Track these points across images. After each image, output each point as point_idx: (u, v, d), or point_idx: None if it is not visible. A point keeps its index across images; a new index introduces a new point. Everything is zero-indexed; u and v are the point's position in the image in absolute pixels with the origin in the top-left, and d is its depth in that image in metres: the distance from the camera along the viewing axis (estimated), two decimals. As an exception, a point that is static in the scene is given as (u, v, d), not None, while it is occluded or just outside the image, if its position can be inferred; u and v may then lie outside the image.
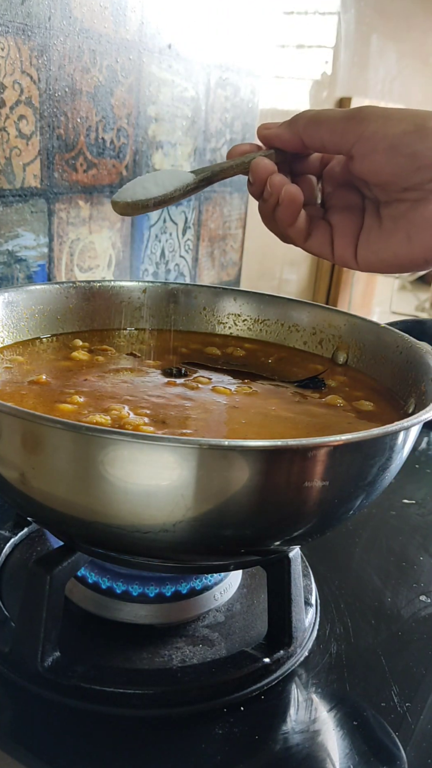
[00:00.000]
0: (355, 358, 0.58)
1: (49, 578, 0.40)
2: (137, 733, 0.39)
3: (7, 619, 0.45)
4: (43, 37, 0.65)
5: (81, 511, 0.37)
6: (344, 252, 0.50)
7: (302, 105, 1.16)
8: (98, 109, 0.74)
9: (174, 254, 0.91)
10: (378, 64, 1.39)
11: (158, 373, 0.54)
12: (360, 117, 0.45)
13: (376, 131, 0.44)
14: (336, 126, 0.46)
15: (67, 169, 0.72)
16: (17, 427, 0.37)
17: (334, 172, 0.52)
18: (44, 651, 0.41)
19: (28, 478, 0.37)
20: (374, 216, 0.49)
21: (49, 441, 0.36)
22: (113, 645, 0.45)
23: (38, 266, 0.72)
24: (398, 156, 0.43)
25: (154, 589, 0.47)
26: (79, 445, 0.35)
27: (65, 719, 0.40)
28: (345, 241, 0.50)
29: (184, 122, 0.86)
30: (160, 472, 0.34)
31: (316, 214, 0.52)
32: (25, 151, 0.67)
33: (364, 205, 0.50)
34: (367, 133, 0.44)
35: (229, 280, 1.05)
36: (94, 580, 0.48)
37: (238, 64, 0.92)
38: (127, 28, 0.74)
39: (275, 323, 0.64)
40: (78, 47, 0.69)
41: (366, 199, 0.50)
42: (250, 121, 0.97)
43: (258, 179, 0.50)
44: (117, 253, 0.82)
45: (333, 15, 1.18)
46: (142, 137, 0.80)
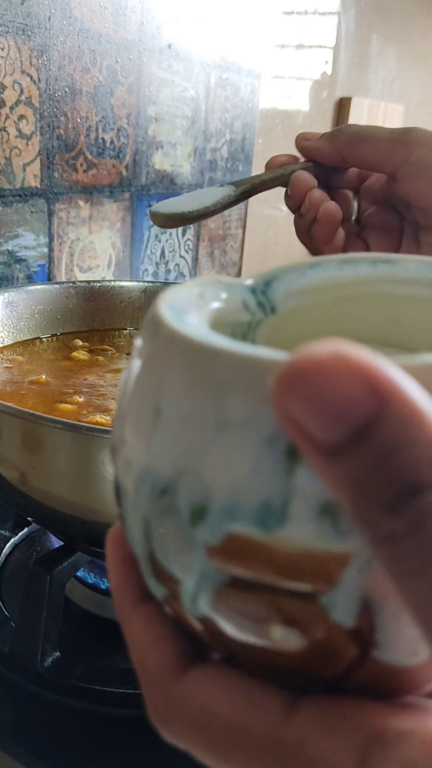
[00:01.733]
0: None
1: (49, 578, 0.40)
2: (137, 734, 0.39)
3: (7, 618, 0.45)
4: (43, 37, 0.65)
5: (81, 511, 0.37)
6: None
7: (302, 105, 1.16)
8: (98, 109, 0.74)
9: (174, 254, 0.91)
10: (378, 65, 1.39)
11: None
12: (407, 140, 0.43)
13: (423, 157, 0.42)
14: (380, 146, 0.44)
15: (67, 169, 0.72)
16: (17, 427, 0.37)
17: (372, 189, 0.50)
18: (44, 651, 0.41)
19: (29, 478, 0.37)
20: (412, 240, 0.47)
21: (49, 441, 0.36)
22: (113, 645, 0.45)
23: (38, 266, 0.72)
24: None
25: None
26: (79, 445, 0.35)
27: (65, 719, 0.40)
28: None
29: (184, 122, 0.86)
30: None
31: (352, 230, 0.50)
32: (25, 151, 0.67)
33: (402, 227, 0.48)
34: (413, 158, 0.43)
35: (229, 281, 1.05)
36: (93, 580, 0.48)
37: (238, 64, 0.92)
38: (127, 28, 0.74)
39: (275, 323, 0.64)
40: (78, 47, 0.69)
41: (405, 221, 0.48)
42: (250, 121, 0.97)
43: (297, 194, 0.48)
44: (117, 253, 0.82)
45: (333, 15, 1.18)
46: (142, 137, 0.80)
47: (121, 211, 0.81)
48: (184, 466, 0.15)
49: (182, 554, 0.16)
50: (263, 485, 0.14)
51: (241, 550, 0.15)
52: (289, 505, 0.14)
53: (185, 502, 0.15)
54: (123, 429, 0.18)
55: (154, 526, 0.16)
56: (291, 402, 0.13)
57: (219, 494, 0.15)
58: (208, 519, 0.15)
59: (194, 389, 0.15)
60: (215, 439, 0.15)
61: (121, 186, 0.79)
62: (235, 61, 0.92)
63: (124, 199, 0.80)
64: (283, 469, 0.14)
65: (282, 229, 1.22)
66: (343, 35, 1.22)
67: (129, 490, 0.17)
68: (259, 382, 0.14)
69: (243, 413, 0.14)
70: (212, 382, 0.15)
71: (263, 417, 0.14)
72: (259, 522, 0.14)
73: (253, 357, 0.14)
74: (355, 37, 1.26)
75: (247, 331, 0.21)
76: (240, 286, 0.21)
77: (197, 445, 0.15)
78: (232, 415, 0.15)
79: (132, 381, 0.17)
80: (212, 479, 0.15)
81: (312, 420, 0.13)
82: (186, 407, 0.15)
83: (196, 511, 0.15)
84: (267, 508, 0.14)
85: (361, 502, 0.13)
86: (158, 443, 0.16)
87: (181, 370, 0.16)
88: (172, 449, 0.16)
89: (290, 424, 0.13)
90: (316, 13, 1.13)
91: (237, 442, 0.15)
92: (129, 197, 0.81)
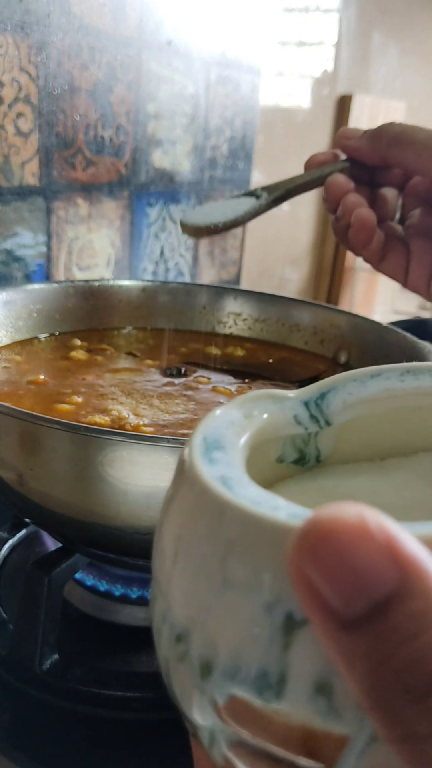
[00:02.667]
0: (357, 357, 0.58)
1: (47, 580, 0.40)
2: (136, 737, 0.39)
3: (5, 621, 0.45)
4: (41, 34, 0.65)
5: (80, 513, 0.37)
6: (418, 282, 0.47)
7: (303, 102, 1.15)
8: (97, 107, 0.73)
9: (173, 253, 0.91)
10: (379, 62, 1.38)
11: (158, 372, 0.53)
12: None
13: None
14: (423, 150, 0.43)
15: (65, 167, 0.71)
16: (15, 428, 0.36)
17: (417, 189, 0.49)
18: (42, 654, 0.41)
19: (26, 480, 0.37)
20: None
21: (48, 442, 0.35)
22: (112, 648, 0.45)
23: (37, 265, 0.71)
24: None
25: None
26: (77, 446, 0.35)
27: (63, 722, 0.40)
28: (421, 271, 0.47)
29: (184, 119, 0.86)
30: (159, 473, 0.34)
31: (393, 233, 0.49)
32: (23, 149, 0.66)
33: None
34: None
35: (229, 279, 1.05)
36: (92, 583, 0.47)
37: (238, 61, 0.92)
38: (126, 25, 0.74)
39: (276, 323, 0.63)
40: (77, 44, 0.69)
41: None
42: (251, 118, 0.97)
43: (332, 198, 0.47)
44: (116, 251, 0.81)
45: (334, 12, 1.17)
46: (142, 135, 0.80)
47: (120, 210, 0.80)
48: (195, 617, 0.15)
49: (196, 702, 0.16)
50: (261, 653, 0.14)
51: (244, 714, 0.15)
52: (286, 680, 0.14)
53: (196, 653, 0.15)
54: (155, 559, 0.17)
55: (172, 669, 0.16)
56: (309, 566, 0.12)
57: (223, 654, 0.15)
58: (214, 676, 0.15)
59: (204, 541, 0.15)
60: (220, 596, 0.15)
61: (120, 184, 0.79)
62: (236, 58, 0.91)
63: (123, 198, 0.80)
64: (280, 640, 0.14)
65: (283, 228, 1.22)
66: (345, 32, 1.21)
67: (154, 625, 0.17)
68: (263, 544, 0.14)
69: (245, 574, 0.14)
70: (220, 536, 0.15)
71: (264, 581, 0.14)
72: (257, 691, 0.14)
73: (259, 516, 0.14)
74: (356, 34, 1.26)
75: (308, 440, 0.21)
76: (292, 401, 0.20)
77: (205, 599, 0.15)
78: (234, 575, 0.14)
79: (163, 512, 0.17)
80: (217, 637, 0.15)
81: (330, 588, 0.12)
82: (197, 558, 0.15)
83: (205, 667, 0.15)
84: (264, 678, 0.14)
85: (378, 687, 0.12)
86: (176, 588, 0.16)
87: (195, 517, 0.15)
88: (185, 597, 0.16)
89: (305, 589, 0.12)
90: (317, 10, 1.13)
91: (238, 603, 0.14)
92: (128, 195, 0.81)
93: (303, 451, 0.21)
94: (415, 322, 1.21)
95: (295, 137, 1.14)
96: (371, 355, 0.56)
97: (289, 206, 1.20)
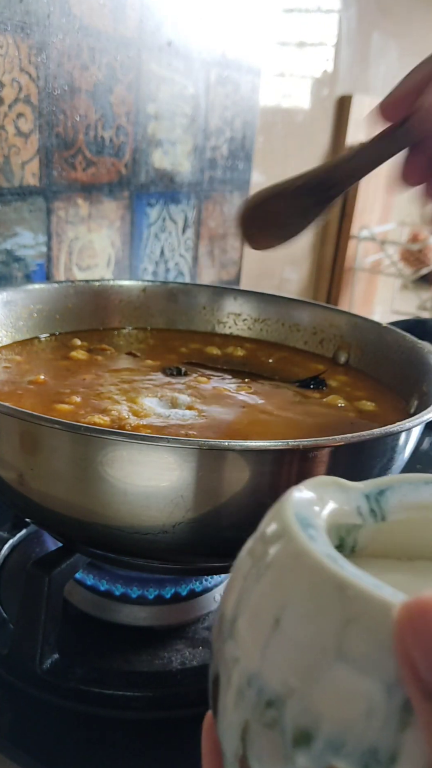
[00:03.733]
0: (357, 357, 0.58)
1: (47, 580, 0.40)
2: (137, 736, 0.39)
3: (6, 621, 0.45)
4: (41, 35, 0.65)
5: (80, 512, 0.37)
6: None
7: (303, 103, 1.15)
8: (97, 107, 0.73)
9: (174, 253, 0.91)
10: (379, 62, 1.38)
11: (158, 372, 0.53)
12: None
13: None
14: None
15: (65, 167, 0.71)
16: (15, 428, 0.36)
17: None
18: (43, 653, 0.41)
19: (27, 479, 0.37)
20: None
21: (48, 442, 0.35)
22: (112, 647, 0.45)
23: (37, 265, 0.71)
24: None
25: (153, 591, 0.47)
26: (77, 446, 0.35)
27: (64, 722, 0.40)
28: None
29: (184, 120, 0.86)
30: (159, 472, 0.34)
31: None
32: (23, 149, 0.66)
33: None
34: None
35: (229, 279, 1.05)
36: (92, 582, 0.48)
37: (238, 61, 0.92)
38: (126, 26, 0.74)
39: (276, 323, 0.64)
40: (77, 45, 0.69)
41: None
42: (251, 119, 0.97)
43: None
44: (116, 251, 0.81)
45: (334, 12, 1.17)
46: (142, 135, 0.80)
47: (121, 210, 0.80)
48: (296, 686, 0.15)
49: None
50: (374, 731, 0.14)
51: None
52: (397, 760, 0.14)
53: (291, 722, 0.15)
54: (237, 621, 0.18)
55: (253, 732, 0.17)
56: (408, 636, 0.13)
57: (327, 726, 0.15)
58: (312, 747, 0.15)
59: (318, 614, 0.15)
60: (332, 670, 0.15)
61: (121, 184, 0.79)
62: (236, 59, 0.91)
63: (124, 198, 0.80)
64: (397, 720, 0.14)
65: (282, 228, 1.22)
66: (345, 32, 1.22)
67: (232, 687, 0.17)
68: (384, 626, 0.14)
69: (364, 652, 0.14)
70: (337, 613, 0.15)
71: (384, 662, 0.14)
72: (362, 765, 0.14)
73: (381, 599, 0.14)
74: (356, 35, 1.26)
75: (351, 530, 0.22)
76: (355, 492, 0.21)
77: (313, 670, 0.15)
78: (352, 652, 0.15)
79: (253, 576, 0.18)
80: (322, 709, 0.15)
81: (423, 658, 0.13)
82: (307, 629, 0.16)
83: (301, 736, 0.15)
84: (374, 755, 0.14)
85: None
86: (273, 654, 0.16)
87: (307, 590, 0.16)
88: (286, 665, 0.16)
89: (404, 659, 0.13)
90: (317, 11, 1.13)
91: (354, 679, 0.15)
92: (128, 196, 0.81)
93: (344, 540, 0.21)
94: (415, 322, 1.21)
95: (295, 137, 1.14)
96: (371, 355, 0.56)
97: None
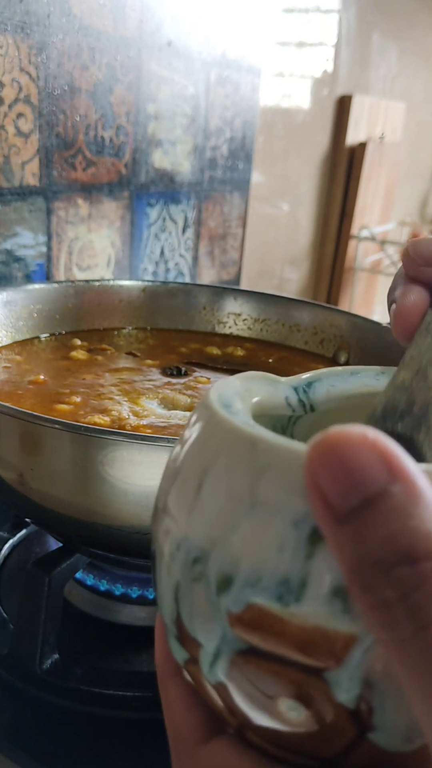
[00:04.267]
0: (357, 358, 0.58)
1: (47, 580, 0.40)
2: (136, 736, 0.39)
3: (6, 621, 0.45)
4: (41, 35, 0.65)
5: (80, 512, 0.37)
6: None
7: (303, 103, 1.15)
8: (97, 107, 0.73)
9: (174, 253, 0.91)
10: (379, 62, 1.38)
11: (158, 372, 0.53)
12: None
13: None
14: None
15: (65, 167, 0.71)
16: (15, 428, 0.36)
17: None
18: (43, 653, 0.41)
19: (27, 479, 0.37)
20: None
21: (48, 442, 0.35)
22: (112, 647, 0.45)
23: (37, 265, 0.71)
24: None
25: (153, 591, 0.47)
26: (77, 446, 0.35)
27: (64, 722, 0.40)
28: None
29: (184, 120, 0.86)
30: (159, 472, 0.34)
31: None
32: (23, 149, 0.66)
33: None
34: None
35: (229, 280, 1.05)
36: (92, 582, 0.48)
37: (238, 61, 0.92)
38: (126, 26, 0.74)
39: (276, 323, 0.64)
40: (77, 45, 0.69)
41: None
42: (251, 119, 0.97)
43: None
44: (116, 251, 0.81)
45: (334, 12, 1.17)
46: (142, 135, 0.80)
47: (121, 210, 0.80)
48: (217, 538, 0.17)
49: (207, 619, 0.18)
50: (285, 563, 0.16)
51: (260, 620, 0.16)
52: (306, 585, 0.16)
53: (214, 571, 0.17)
54: (167, 499, 0.20)
55: (183, 591, 0.18)
56: (318, 469, 0.14)
57: (245, 567, 0.17)
58: (233, 588, 0.17)
59: (234, 470, 0.17)
60: (247, 516, 0.17)
61: (121, 184, 0.79)
62: (236, 59, 0.91)
63: (124, 198, 0.80)
64: (304, 550, 0.16)
65: (282, 228, 1.22)
66: (344, 32, 1.22)
67: (165, 556, 0.19)
68: (291, 471, 0.16)
69: (274, 496, 0.16)
70: (250, 465, 0.17)
71: (291, 502, 0.16)
72: (277, 596, 0.16)
73: (288, 447, 0.16)
74: (356, 35, 1.26)
75: (287, 425, 0.23)
76: (283, 384, 0.23)
77: (230, 520, 0.17)
78: (264, 497, 0.16)
79: (180, 458, 0.20)
80: (240, 552, 0.17)
81: (331, 487, 0.14)
82: (224, 485, 0.17)
83: (223, 581, 0.17)
84: (286, 584, 0.16)
85: (356, 563, 0.14)
86: (197, 515, 0.18)
87: (224, 452, 0.18)
88: (208, 522, 0.18)
89: (314, 491, 0.14)
90: (317, 11, 1.13)
91: (266, 521, 0.16)
92: (128, 196, 0.81)
93: (279, 432, 0.23)
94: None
95: (295, 138, 1.14)
96: (371, 355, 0.57)
97: (288, 207, 1.20)
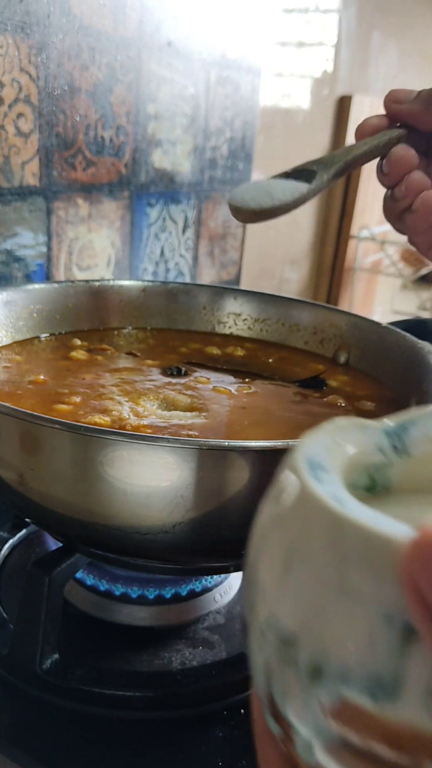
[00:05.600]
0: (357, 357, 0.58)
1: (47, 580, 0.40)
2: (137, 736, 0.39)
3: (6, 621, 0.45)
4: (41, 35, 0.65)
5: (80, 513, 0.37)
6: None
7: (303, 103, 1.15)
8: (97, 107, 0.73)
9: (174, 253, 0.91)
10: (379, 62, 1.38)
11: (158, 372, 0.53)
12: None
13: None
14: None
15: (65, 167, 0.71)
16: (15, 428, 0.36)
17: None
18: (43, 653, 0.41)
19: (27, 480, 0.37)
20: None
21: (48, 442, 0.35)
22: (112, 647, 0.45)
23: (37, 265, 0.71)
24: None
25: (153, 591, 0.47)
26: (78, 446, 0.35)
27: (64, 722, 0.40)
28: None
29: (184, 120, 0.86)
30: (159, 472, 0.34)
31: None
32: (23, 149, 0.66)
33: None
34: None
35: (229, 279, 1.05)
36: (92, 582, 0.48)
37: (238, 61, 0.92)
38: (126, 26, 0.74)
39: (276, 323, 0.64)
40: (77, 45, 0.69)
41: None
42: (251, 119, 0.97)
43: (395, 174, 0.42)
44: (116, 251, 0.81)
45: (334, 12, 1.17)
46: (142, 135, 0.80)
47: (121, 210, 0.80)
48: (307, 623, 0.16)
49: (299, 705, 0.17)
50: (377, 659, 0.15)
51: (351, 715, 0.16)
52: (400, 683, 0.15)
53: (305, 657, 0.16)
54: (258, 565, 0.19)
55: (275, 671, 0.17)
56: (416, 568, 0.13)
57: (335, 658, 0.16)
58: (324, 679, 0.16)
59: (321, 552, 0.16)
60: (335, 604, 0.16)
61: (121, 184, 0.79)
62: (236, 59, 0.91)
63: (124, 198, 0.80)
64: (397, 646, 0.15)
65: (283, 228, 1.22)
66: (344, 32, 1.22)
67: (256, 631, 0.18)
68: (383, 558, 0.15)
69: (363, 584, 0.15)
70: (339, 549, 0.16)
71: (383, 592, 0.15)
72: (369, 692, 0.15)
73: (378, 534, 0.15)
74: (356, 35, 1.26)
75: (381, 472, 0.22)
76: (375, 430, 0.22)
77: (319, 606, 0.16)
78: (352, 584, 0.16)
79: (268, 525, 0.19)
80: (330, 642, 0.16)
81: (429, 585, 0.13)
82: (313, 568, 0.16)
83: (314, 670, 0.16)
84: (378, 681, 0.15)
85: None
86: (286, 595, 0.17)
87: (311, 530, 0.17)
88: (297, 604, 0.17)
89: (412, 592, 0.13)
90: (317, 11, 1.13)
91: (355, 610, 0.15)
92: (128, 196, 0.81)
93: (374, 479, 0.22)
94: (415, 322, 1.20)
95: (295, 138, 1.14)
96: (371, 355, 0.56)
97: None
